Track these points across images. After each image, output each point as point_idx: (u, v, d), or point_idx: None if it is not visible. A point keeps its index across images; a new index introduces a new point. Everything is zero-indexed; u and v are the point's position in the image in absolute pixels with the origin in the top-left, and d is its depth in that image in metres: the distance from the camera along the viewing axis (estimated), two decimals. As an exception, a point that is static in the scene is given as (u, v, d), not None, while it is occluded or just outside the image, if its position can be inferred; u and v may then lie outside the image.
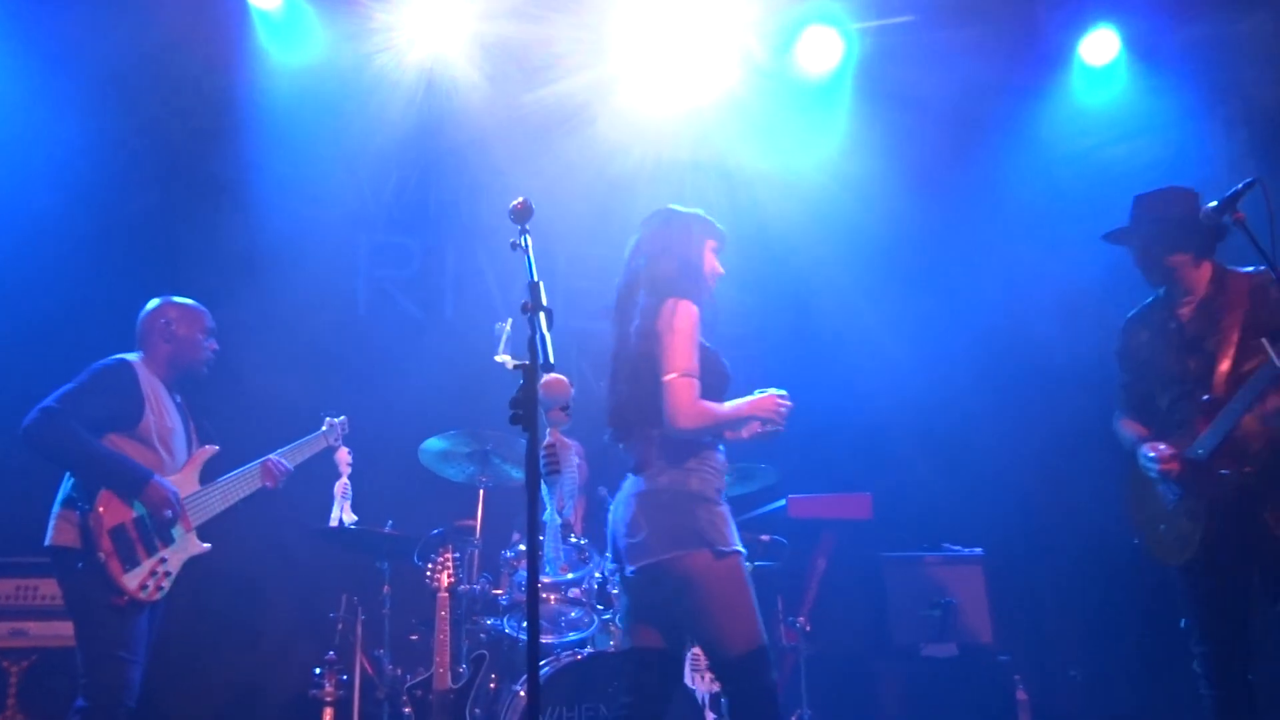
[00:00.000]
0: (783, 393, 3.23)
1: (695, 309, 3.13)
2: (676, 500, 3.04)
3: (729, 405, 3.15)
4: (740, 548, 3.08)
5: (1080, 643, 6.16)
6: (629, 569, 3.08)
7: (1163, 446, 3.51)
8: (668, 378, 3.03)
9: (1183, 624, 3.61)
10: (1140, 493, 3.68)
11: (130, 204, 5.42)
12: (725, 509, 3.11)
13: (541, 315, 2.54)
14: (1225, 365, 3.41)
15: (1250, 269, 3.51)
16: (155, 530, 3.74)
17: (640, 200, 6.35)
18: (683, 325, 3.08)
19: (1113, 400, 3.87)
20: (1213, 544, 3.43)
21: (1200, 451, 3.41)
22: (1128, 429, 3.74)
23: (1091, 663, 6.05)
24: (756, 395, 3.20)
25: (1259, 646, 3.52)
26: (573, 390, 2.63)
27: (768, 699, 2.99)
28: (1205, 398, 3.44)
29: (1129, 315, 3.82)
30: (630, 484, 3.16)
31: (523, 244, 2.74)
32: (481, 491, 4.88)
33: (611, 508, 3.26)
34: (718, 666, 3.09)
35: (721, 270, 3.37)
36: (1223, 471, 3.38)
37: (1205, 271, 3.56)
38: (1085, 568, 5.86)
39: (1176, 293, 3.61)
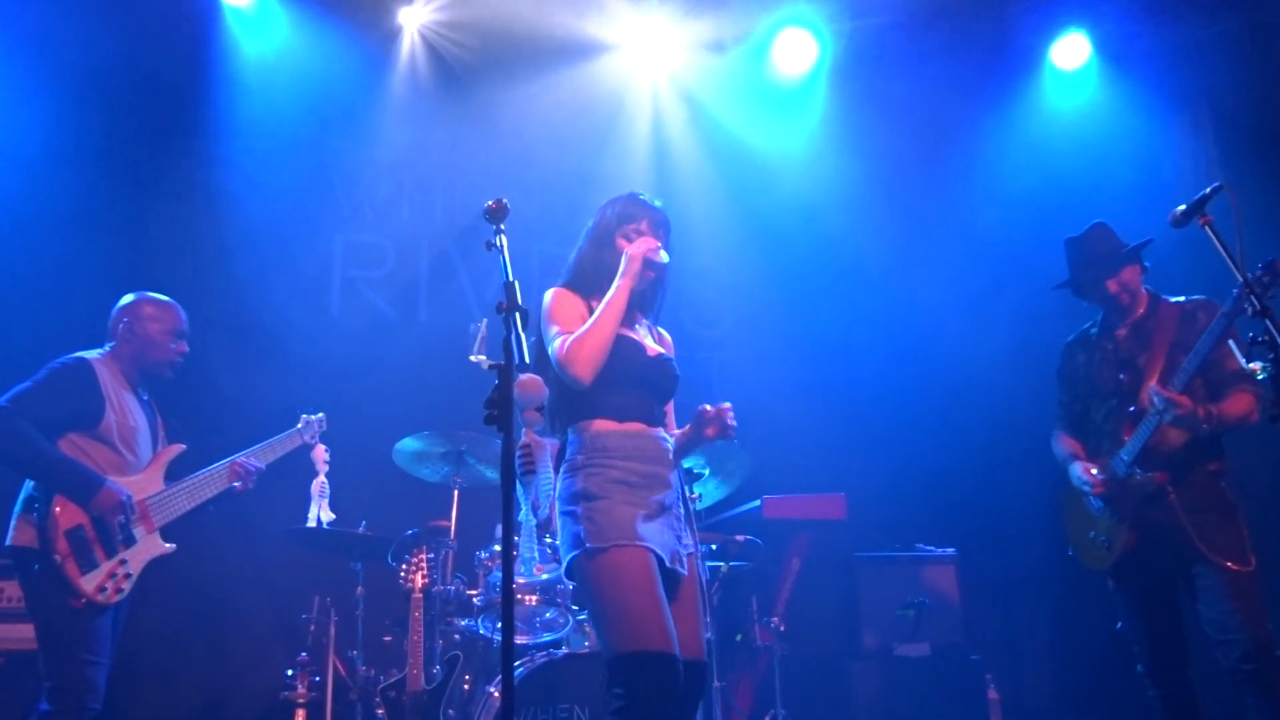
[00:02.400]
0: (642, 240, 3.04)
1: (562, 290, 3.07)
2: (565, 504, 2.94)
3: (603, 303, 2.94)
4: (623, 541, 2.78)
5: (1051, 642, 6.22)
6: None
7: (1095, 472, 3.75)
8: (551, 352, 2.94)
9: (1119, 626, 3.82)
10: (1072, 504, 3.93)
11: (99, 200, 5.35)
12: (613, 501, 2.84)
13: (516, 315, 2.53)
14: (1152, 381, 3.64)
15: (1182, 298, 3.80)
16: (117, 532, 3.66)
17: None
18: (550, 307, 3.03)
19: (1051, 418, 4.10)
20: (1136, 548, 3.67)
21: (1124, 458, 3.66)
22: (1064, 445, 3.99)
23: (1061, 661, 6.11)
24: (623, 262, 2.98)
25: (1195, 644, 3.68)
26: (547, 390, 2.62)
27: (621, 714, 2.69)
28: (1131, 409, 3.69)
29: (1068, 340, 4.07)
30: None
31: (498, 244, 2.74)
32: (456, 492, 4.86)
33: None
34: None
35: (649, 248, 3.03)
36: (1142, 478, 3.62)
37: (1143, 298, 3.83)
38: (1056, 567, 5.91)
39: (1114, 317, 3.88)
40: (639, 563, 2.78)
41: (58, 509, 3.56)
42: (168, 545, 3.84)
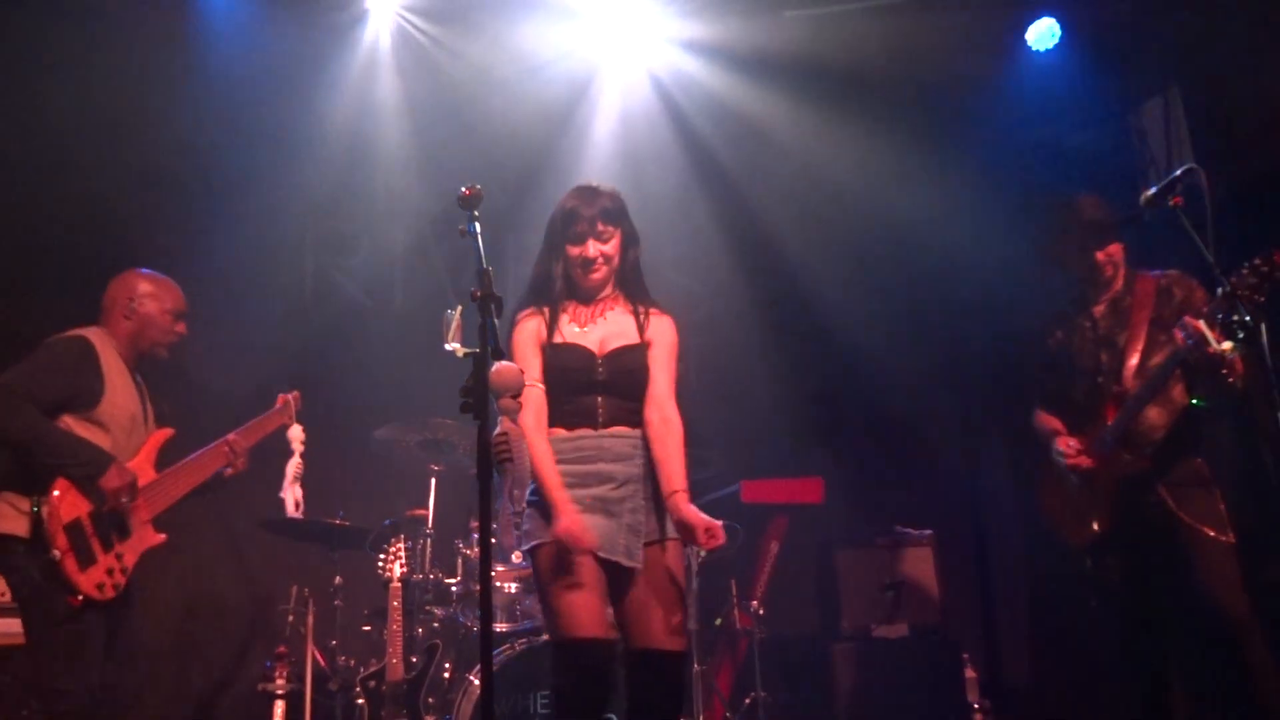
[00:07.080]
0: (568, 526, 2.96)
1: (520, 321, 3.21)
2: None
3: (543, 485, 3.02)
4: (546, 539, 2.93)
5: (1028, 621, 6.28)
6: None
7: (1073, 442, 3.76)
8: None
9: (1093, 604, 3.88)
10: (1050, 481, 3.92)
11: (70, 187, 5.26)
12: (536, 506, 2.99)
13: (491, 303, 2.52)
14: (1134, 360, 3.66)
15: (1157, 271, 3.78)
16: (113, 524, 3.53)
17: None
18: (510, 341, 3.21)
19: (1030, 396, 4.11)
20: (1115, 523, 3.69)
21: (1107, 438, 3.67)
22: (1044, 422, 3.98)
23: (1038, 640, 6.18)
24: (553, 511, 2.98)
25: (1170, 620, 3.72)
26: (523, 378, 2.61)
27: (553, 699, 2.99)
28: (1115, 389, 3.70)
29: (1044, 318, 4.05)
30: None
31: (472, 230, 2.72)
32: (433, 480, 4.85)
33: None
34: None
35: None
36: (1125, 457, 3.64)
37: (1121, 272, 3.81)
38: (1033, 547, 5.97)
39: (1092, 291, 3.86)
40: (563, 559, 2.91)
41: (58, 497, 3.39)
42: (160, 535, 3.71)
